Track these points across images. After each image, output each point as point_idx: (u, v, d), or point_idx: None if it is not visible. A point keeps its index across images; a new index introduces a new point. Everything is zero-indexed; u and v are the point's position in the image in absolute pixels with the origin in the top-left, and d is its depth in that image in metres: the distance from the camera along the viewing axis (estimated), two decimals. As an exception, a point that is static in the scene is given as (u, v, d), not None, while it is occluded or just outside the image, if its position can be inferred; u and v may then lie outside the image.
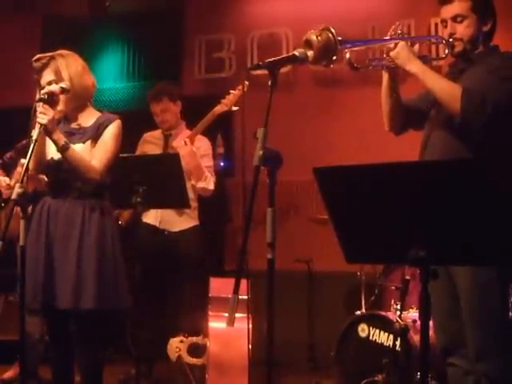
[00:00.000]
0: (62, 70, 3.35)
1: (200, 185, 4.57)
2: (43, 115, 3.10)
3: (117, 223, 4.27)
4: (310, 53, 2.54)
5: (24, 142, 4.45)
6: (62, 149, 3.23)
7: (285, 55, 2.48)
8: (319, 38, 2.54)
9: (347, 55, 2.80)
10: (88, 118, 3.45)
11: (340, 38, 2.60)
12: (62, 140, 3.23)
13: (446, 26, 2.88)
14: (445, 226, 2.02)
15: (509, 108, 2.67)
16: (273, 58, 2.37)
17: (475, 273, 2.67)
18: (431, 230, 2.04)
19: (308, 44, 2.55)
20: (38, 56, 3.42)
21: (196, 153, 4.54)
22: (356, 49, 2.83)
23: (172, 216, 4.64)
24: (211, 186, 4.62)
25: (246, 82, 4.34)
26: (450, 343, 2.85)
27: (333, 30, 2.57)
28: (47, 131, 3.17)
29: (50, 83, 3.33)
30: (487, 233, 1.98)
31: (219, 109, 4.53)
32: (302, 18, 5.56)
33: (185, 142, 4.50)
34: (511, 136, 2.75)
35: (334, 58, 2.60)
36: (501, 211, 1.93)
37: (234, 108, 4.48)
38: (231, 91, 4.52)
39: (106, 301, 3.28)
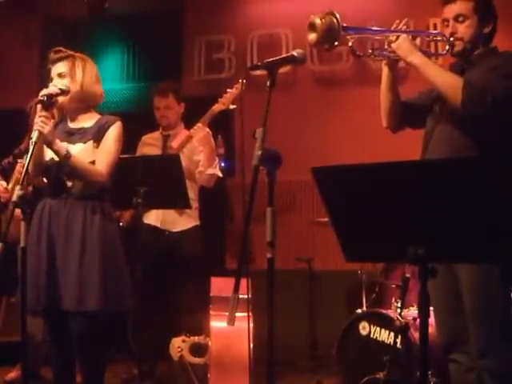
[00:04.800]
0: (78, 71, 3.38)
1: (210, 171, 4.59)
2: (43, 124, 3.10)
3: (118, 224, 4.29)
4: (313, 35, 2.55)
5: (22, 146, 4.47)
6: (64, 158, 3.23)
7: (283, 55, 2.48)
8: (323, 20, 2.57)
9: (350, 43, 2.82)
10: (88, 119, 3.46)
11: (344, 24, 2.62)
12: (63, 149, 3.24)
13: (447, 26, 2.89)
14: (443, 223, 2.03)
15: (508, 104, 2.67)
16: (271, 59, 2.38)
17: (478, 270, 2.68)
18: (430, 227, 2.05)
19: (312, 27, 2.57)
20: (59, 48, 3.44)
21: (211, 136, 4.58)
22: (357, 36, 2.84)
23: (173, 216, 4.65)
24: (220, 173, 4.66)
25: (243, 81, 4.36)
26: (452, 340, 2.86)
27: (337, 15, 2.59)
28: (47, 142, 3.18)
29: (60, 75, 3.37)
30: (486, 231, 1.99)
31: (217, 107, 4.54)
32: (301, 18, 5.52)
33: (198, 126, 4.53)
34: (510, 133, 2.76)
35: (336, 43, 2.62)
36: (499, 210, 1.95)
37: (232, 106, 4.50)
38: (228, 90, 4.54)
39: (109, 302, 3.28)
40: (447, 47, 2.89)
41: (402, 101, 3.04)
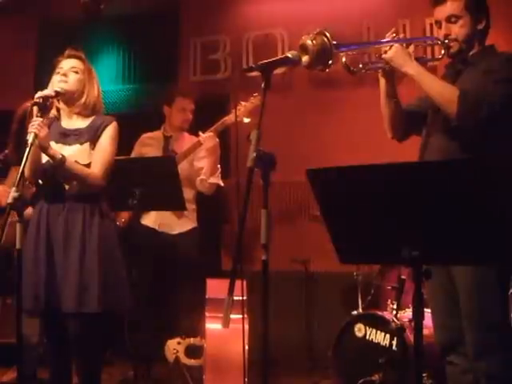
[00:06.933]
0: (95, 81, 3.48)
1: (212, 180, 4.61)
2: (40, 128, 3.09)
3: (116, 224, 4.28)
4: (306, 58, 2.52)
5: (6, 151, 4.46)
6: (59, 163, 3.23)
7: (277, 57, 2.47)
8: (314, 42, 2.54)
9: (343, 59, 2.78)
10: (83, 119, 3.45)
11: (335, 42, 2.59)
12: (58, 154, 3.24)
13: (440, 27, 2.88)
14: (437, 225, 2.03)
15: (505, 110, 2.66)
16: (265, 60, 2.38)
17: (474, 272, 2.68)
18: (424, 229, 2.05)
19: (303, 49, 2.54)
20: (76, 47, 3.50)
21: (218, 146, 4.58)
22: (352, 52, 2.83)
23: (171, 219, 4.65)
24: (221, 182, 4.69)
25: (256, 94, 4.29)
26: (450, 341, 2.86)
27: (328, 34, 2.55)
28: (42, 146, 3.18)
29: (74, 69, 3.41)
30: (480, 233, 1.99)
31: (230, 119, 4.50)
32: (297, 19, 5.57)
33: (210, 135, 4.51)
34: (507, 137, 2.75)
35: (330, 62, 2.59)
36: (494, 212, 1.95)
37: (246, 120, 4.39)
38: (242, 102, 4.46)
39: (108, 304, 3.28)
40: (443, 50, 2.87)
41: (403, 109, 3.00)
